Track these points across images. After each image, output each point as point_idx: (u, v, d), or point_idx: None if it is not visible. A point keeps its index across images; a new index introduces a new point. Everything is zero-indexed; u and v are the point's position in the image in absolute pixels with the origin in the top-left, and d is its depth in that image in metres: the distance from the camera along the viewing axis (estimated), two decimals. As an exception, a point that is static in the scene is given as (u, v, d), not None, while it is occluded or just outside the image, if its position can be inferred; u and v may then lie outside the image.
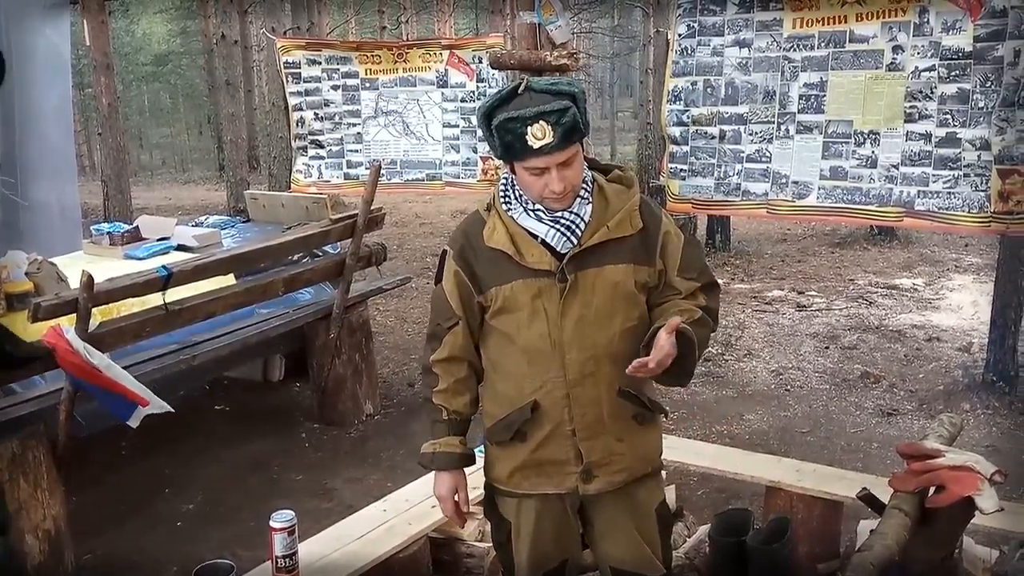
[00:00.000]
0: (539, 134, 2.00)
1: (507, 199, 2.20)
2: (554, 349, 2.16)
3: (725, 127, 4.04)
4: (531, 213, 2.15)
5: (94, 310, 3.57)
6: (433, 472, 2.37)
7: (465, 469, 2.36)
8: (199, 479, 4.63)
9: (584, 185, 2.16)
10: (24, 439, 3.56)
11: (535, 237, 2.15)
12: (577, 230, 2.14)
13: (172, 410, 3.61)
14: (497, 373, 2.28)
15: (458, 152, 5.73)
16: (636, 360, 2.05)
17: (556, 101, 2.01)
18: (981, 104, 3.44)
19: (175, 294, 4.02)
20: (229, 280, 4.57)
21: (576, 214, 2.14)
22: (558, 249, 2.14)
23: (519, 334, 2.19)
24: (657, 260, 2.21)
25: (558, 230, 2.13)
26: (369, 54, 5.90)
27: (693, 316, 2.16)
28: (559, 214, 2.13)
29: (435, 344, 2.30)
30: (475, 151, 5.70)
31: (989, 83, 3.41)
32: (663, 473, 2.59)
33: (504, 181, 2.22)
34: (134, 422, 3.51)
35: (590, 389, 2.19)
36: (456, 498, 2.35)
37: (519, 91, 2.06)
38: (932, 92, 3.54)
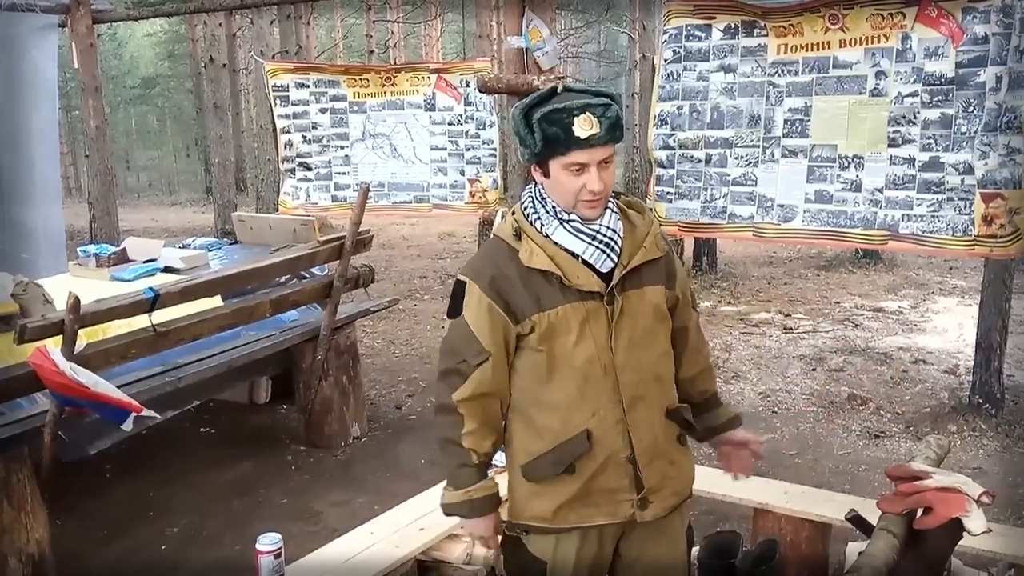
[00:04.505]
0: (586, 125, 1.97)
1: (537, 216, 2.11)
2: (605, 374, 2.09)
3: (711, 151, 4.08)
4: (567, 226, 2.07)
5: (80, 332, 3.55)
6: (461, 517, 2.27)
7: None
8: (183, 502, 4.59)
9: (611, 198, 2.13)
10: (8, 461, 3.52)
11: (575, 257, 2.07)
12: (616, 247, 2.08)
13: (159, 416, 3.72)
14: (536, 406, 2.15)
15: (446, 175, 5.76)
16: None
17: (598, 98, 2.01)
18: (964, 129, 3.48)
19: (162, 316, 4.01)
20: (216, 302, 4.55)
21: (612, 229, 2.08)
22: (598, 267, 2.07)
23: (566, 361, 2.09)
24: (675, 285, 2.23)
25: (597, 247, 2.06)
26: (357, 78, 5.94)
27: (713, 372, 2.39)
28: (595, 228, 2.07)
29: (457, 382, 2.13)
30: (462, 173, 5.73)
31: (972, 108, 3.46)
32: None
33: (527, 202, 2.14)
34: (128, 426, 3.49)
35: (643, 412, 2.13)
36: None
37: (557, 91, 2.04)
38: (915, 117, 3.59)
